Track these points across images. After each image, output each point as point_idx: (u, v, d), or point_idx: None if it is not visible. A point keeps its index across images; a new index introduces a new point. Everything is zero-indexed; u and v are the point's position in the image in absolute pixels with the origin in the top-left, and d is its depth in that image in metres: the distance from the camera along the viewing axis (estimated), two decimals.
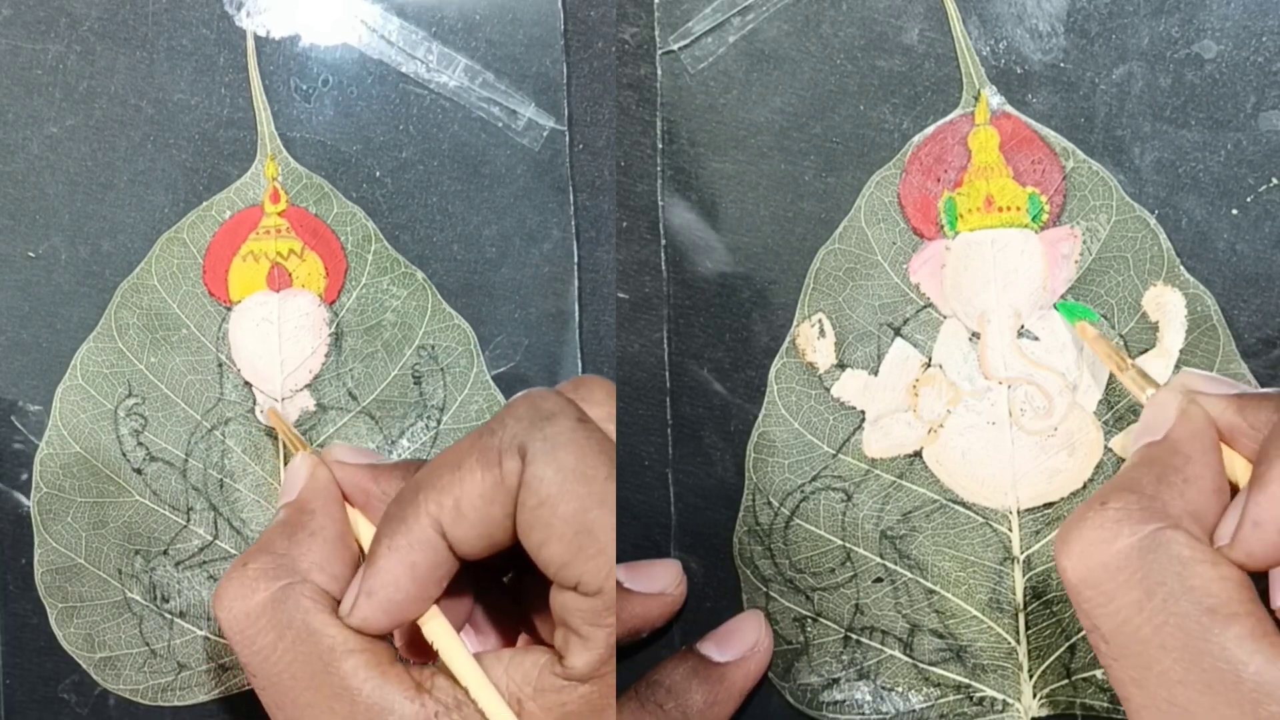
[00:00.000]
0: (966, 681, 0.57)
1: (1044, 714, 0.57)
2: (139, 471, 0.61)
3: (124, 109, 0.62)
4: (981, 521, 0.57)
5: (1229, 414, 0.48)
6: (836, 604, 0.58)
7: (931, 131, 0.58)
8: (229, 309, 0.61)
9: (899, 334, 0.58)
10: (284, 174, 0.62)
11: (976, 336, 0.58)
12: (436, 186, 0.62)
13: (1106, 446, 0.57)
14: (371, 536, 0.49)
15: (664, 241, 0.60)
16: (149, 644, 0.61)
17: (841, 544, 0.58)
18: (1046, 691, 0.57)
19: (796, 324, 0.59)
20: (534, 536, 0.45)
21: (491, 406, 0.61)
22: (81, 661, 0.61)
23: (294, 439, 0.57)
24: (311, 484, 0.51)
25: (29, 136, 0.62)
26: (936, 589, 0.58)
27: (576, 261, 0.62)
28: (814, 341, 0.59)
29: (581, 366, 0.62)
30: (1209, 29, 0.56)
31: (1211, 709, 0.43)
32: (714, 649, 0.56)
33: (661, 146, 0.60)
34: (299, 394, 0.61)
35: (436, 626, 0.48)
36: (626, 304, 0.60)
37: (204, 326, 0.61)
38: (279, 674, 0.47)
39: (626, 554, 0.59)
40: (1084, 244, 0.57)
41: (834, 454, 0.58)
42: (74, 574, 0.61)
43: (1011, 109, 0.58)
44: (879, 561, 0.58)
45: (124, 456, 0.61)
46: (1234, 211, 0.56)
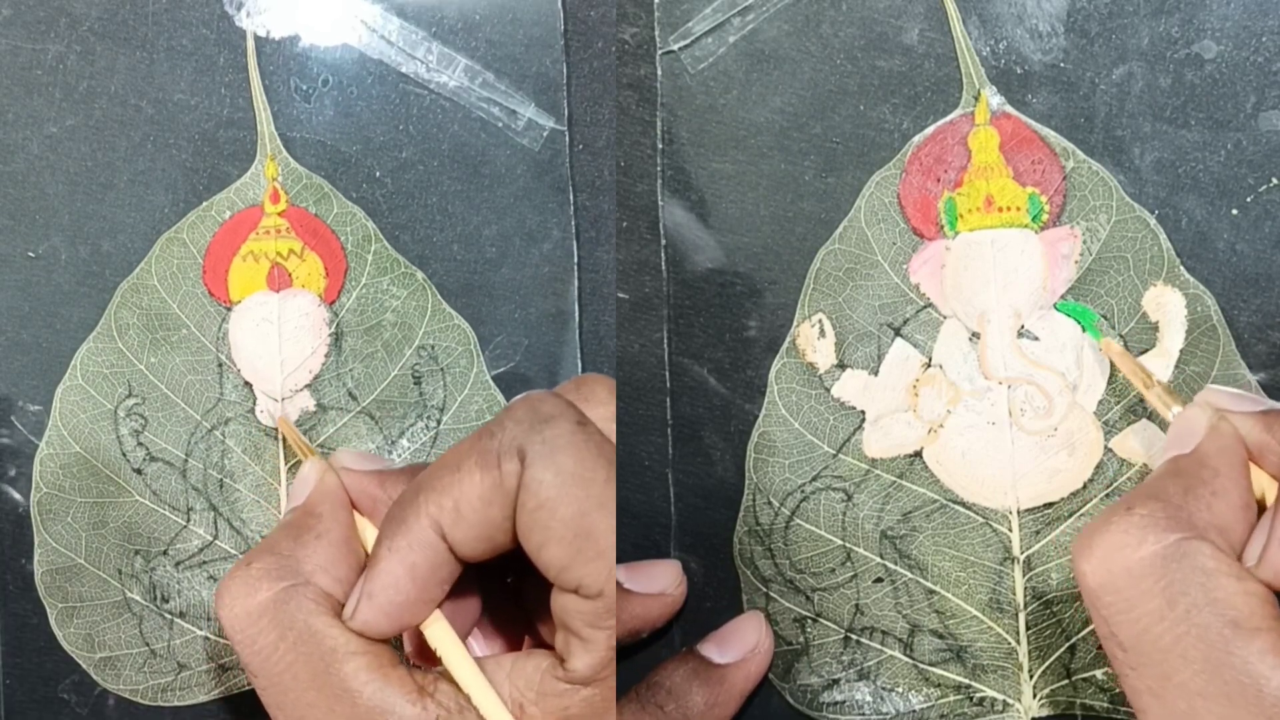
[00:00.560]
0: (967, 682, 0.57)
1: (1044, 714, 0.57)
2: (139, 471, 0.61)
3: (124, 109, 0.62)
4: (981, 521, 0.57)
5: (1256, 431, 0.48)
6: (837, 604, 0.58)
7: (931, 132, 0.58)
8: (229, 309, 0.61)
9: (899, 334, 0.58)
10: (284, 174, 0.62)
11: (976, 336, 0.58)
12: (436, 187, 0.62)
13: (1106, 446, 0.57)
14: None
15: (664, 241, 0.60)
16: (149, 644, 0.61)
17: (842, 544, 0.58)
18: (1047, 691, 0.57)
19: (796, 324, 0.59)
20: (533, 539, 0.45)
21: (491, 406, 0.61)
22: (81, 661, 0.61)
23: (302, 446, 0.57)
24: (319, 489, 0.51)
25: (29, 136, 0.62)
26: (936, 589, 0.57)
27: (576, 261, 0.62)
28: (814, 341, 0.59)
29: (581, 366, 0.62)
30: (1209, 29, 0.56)
31: None
32: (714, 650, 0.56)
33: (661, 146, 0.60)
34: (299, 394, 0.61)
35: (438, 631, 0.48)
36: (626, 304, 0.60)
37: (204, 327, 0.61)
38: (280, 674, 0.47)
39: (626, 554, 0.58)
40: (1084, 244, 0.57)
41: (834, 454, 0.58)
42: (74, 574, 0.61)
43: (1011, 109, 0.58)
44: (879, 562, 0.58)
45: (124, 456, 0.61)
46: (1234, 211, 0.56)
